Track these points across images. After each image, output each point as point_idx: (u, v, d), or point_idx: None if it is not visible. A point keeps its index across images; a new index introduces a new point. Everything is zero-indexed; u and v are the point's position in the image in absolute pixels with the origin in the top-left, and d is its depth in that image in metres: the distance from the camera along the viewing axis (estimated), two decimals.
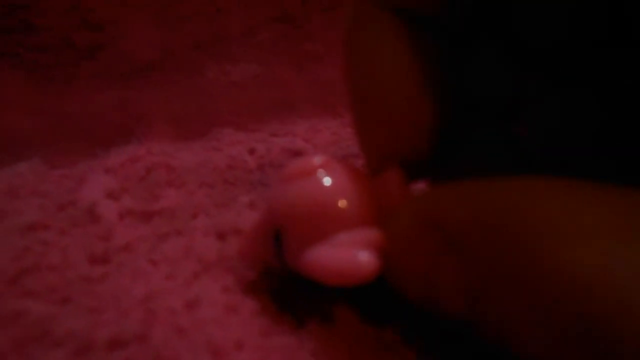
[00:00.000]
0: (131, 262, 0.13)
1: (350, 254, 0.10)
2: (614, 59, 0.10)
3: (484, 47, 0.11)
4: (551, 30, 0.10)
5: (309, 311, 0.12)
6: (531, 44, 0.10)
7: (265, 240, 0.11)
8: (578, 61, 0.10)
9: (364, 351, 0.11)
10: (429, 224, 0.09)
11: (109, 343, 0.10)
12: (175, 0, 0.24)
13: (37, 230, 0.14)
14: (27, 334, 0.10)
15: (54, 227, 0.14)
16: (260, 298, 0.12)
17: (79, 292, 0.12)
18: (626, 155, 0.10)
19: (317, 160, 0.11)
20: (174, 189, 0.17)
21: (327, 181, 0.11)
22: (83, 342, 0.10)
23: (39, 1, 0.20)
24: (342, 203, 0.11)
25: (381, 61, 0.11)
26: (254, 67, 0.25)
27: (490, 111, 0.12)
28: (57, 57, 0.21)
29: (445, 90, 0.11)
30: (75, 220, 0.15)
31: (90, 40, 0.21)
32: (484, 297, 0.08)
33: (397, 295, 0.12)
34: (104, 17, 0.22)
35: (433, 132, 0.11)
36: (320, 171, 0.11)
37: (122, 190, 0.17)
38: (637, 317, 0.06)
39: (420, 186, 0.13)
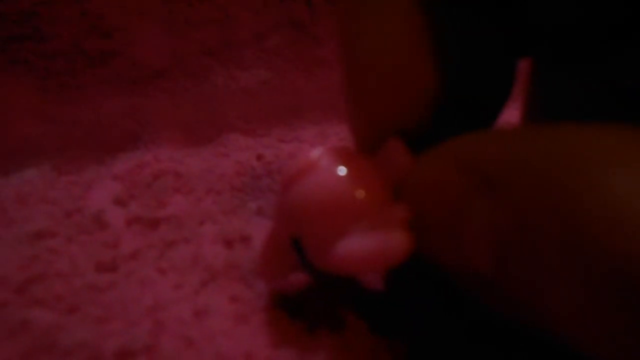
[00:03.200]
0: (139, 270, 0.13)
1: (383, 238, 0.10)
2: None
3: None
4: None
5: (319, 322, 0.11)
6: None
7: (282, 252, 0.11)
8: None
9: None
10: (463, 166, 0.08)
11: (118, 354, 0.10)
12: (184, 7, 0.24)
13: (45, 238, 0.14)
14: (35, 344, 0.10)
15: (62, 235, 0.14)
16: (269, 308, 0.12)
17: (87, 301, 0.12)
18: None
19: (315, 153, 0.11)
20: (181, 196, 0.17)
21: (332, 171, 0.10)
22: (92, 353, 0.10)
23: (49, 8, 0.21)
24: (354, 189, 0.10)
25: (379, 18, 0.10)
26: (262, 72, 0.25)
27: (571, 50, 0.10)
28: (66, 64, 0.21)
29: (458, 48, 0.10)
30: (83, 228, 0.15)
31: (100, 47, 0.21)
32: (516, 248, 0.07)
33: (407, 307, 0.11)
34: (113, 24, 0.22)
35: (437, 99, 0.10)
36: (322, 163, 0.10)
37: (129, 197, 0.17)
38: None
39: None
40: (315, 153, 0.11)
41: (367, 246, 0.10)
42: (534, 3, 0.10)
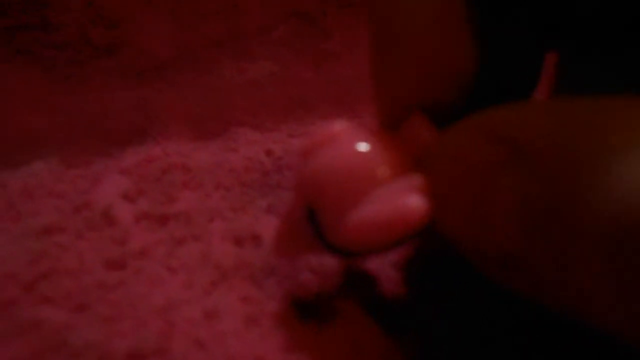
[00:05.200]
0: (148, 268, 0.13)
1: (397, 202, 0.09)
2: None
3: None
4: None
5: (332, 323, 0.11)
6: None
7: (299, 225, 0.11)
8: None
9: None
10: (492, 136, 0.08)
11: (128, 355, 0.10)
12: None
13: (53, 233, 0.14)
14: (44, 345, 0.10)
15: (70, 230, 0.14)
16: (281, 308, 0.12)
17: (96, 300, 0.12)
18: None
19: (337, 125, 0.11)
20: (190, 191, 0.17)
21: (351, 143, 0.10)
22: (102, 354, 0.10)
23: None
24: (372, 161, 0.10)
25: None
26: (270, 65, 0.25)
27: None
28: (73, 55, 0.20)
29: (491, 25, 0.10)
30: (91, 223, 0.15)
31: (107, 38, 0.21)
32: (547, 220, 0.07)
33: (422, 307, 0.11)
34: (120, 15, 0.22)
35: (467, 82, 0.10)
36: (342, 135, 0.10)
37: (137, 192, 0.16)
38: None
39: None
40: (336, 125, 0.11)
41: (381, 212, 0.09)
42: None
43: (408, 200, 0.09)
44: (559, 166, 0.07)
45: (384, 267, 0.13)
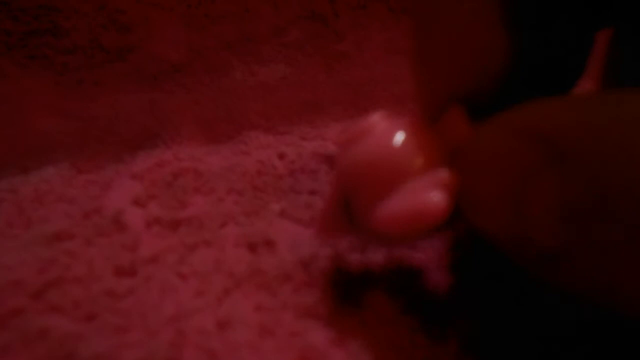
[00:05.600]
0: (158, 275, 0.12)
1: (420, 197, 0.10)
2: None
3: None
4: None
5: (349, 332, 0.11)
6: None
7: (337, 213, 0.11)
8: None
9: None
10: (528, 135, 0.08)
11: None
12: (204, 1, 0.23)
13: (63, 240, 0.14)
14: (52, 355, 0.10)
15: (80, 237, 0.14)
16: (295, 317, 0.11)
17: (105, 309, 0.11)
18: None
19: (375, 116, 0.11)
20: (202, 196, 0.16)
21: (387, 134, 0.10)
22: None
23: (66, 3, 0.20)
24: (406, 153, 0.10)
25: None
26: (282, 67, 0.25)
27: None
28: (85, 59, 0.20)
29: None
30: (101, 229, 0.14)
31: (119, 42, 0.21)
32: (590, 220, 0.07)
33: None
34: (131, 18, 0.21)
35: (509, 68, 0.10)
36: (379, 127, 0.11)
37: (148, 197, 0.16)
38: None
39: None
40: (375, 116, 0.11)
41: (405, 206, 0.10)
42: None
43: (429, 196, 0.09)
44: (604, 165, 0.07)
45: (429, 259, 0.12)
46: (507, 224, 0.08)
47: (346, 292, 0.12)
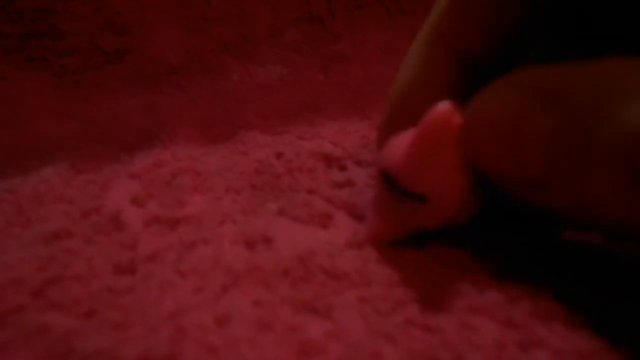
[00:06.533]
0: (157, 273, 0.13)
1: (425, 118, 0.11)
2: None
3: None
4: None
5: (348, 326, 0.11)
6: None
7: (386, 190, 0.13)
8: None
9: None
10: (527, 88, 0.10)
11: None
12: (201, 3, 0.23)
13: (62, 239, 0.14)
14: (52, 352, 0.10)
15: (79, 235, 0.14)
16: (293, 312, 0.11)
17: (105, 305, 0.11)
18: None
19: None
20: (200, 195, 0.17)
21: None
22: None
23: (65, 5, 0.20)
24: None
25: None
26: (279, 68, 0.25)
27: None
28: (84, 61, 0.20)
29: None
30: (100, 228, 0.14)
31: (117, 44, 0.21)
32: (569, 149, 0.09)
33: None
34: (129, 21, 0.22)
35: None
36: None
37: (147, 196, 0.16)
38: None
39: None
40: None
41: (415, 130, 0.11)
42: None
43: (435, 107, 0.11)
44: (583, 104, 0.09)
45: None
46: (504, 156, 0.10)
47: (344, 287, 0.12)
